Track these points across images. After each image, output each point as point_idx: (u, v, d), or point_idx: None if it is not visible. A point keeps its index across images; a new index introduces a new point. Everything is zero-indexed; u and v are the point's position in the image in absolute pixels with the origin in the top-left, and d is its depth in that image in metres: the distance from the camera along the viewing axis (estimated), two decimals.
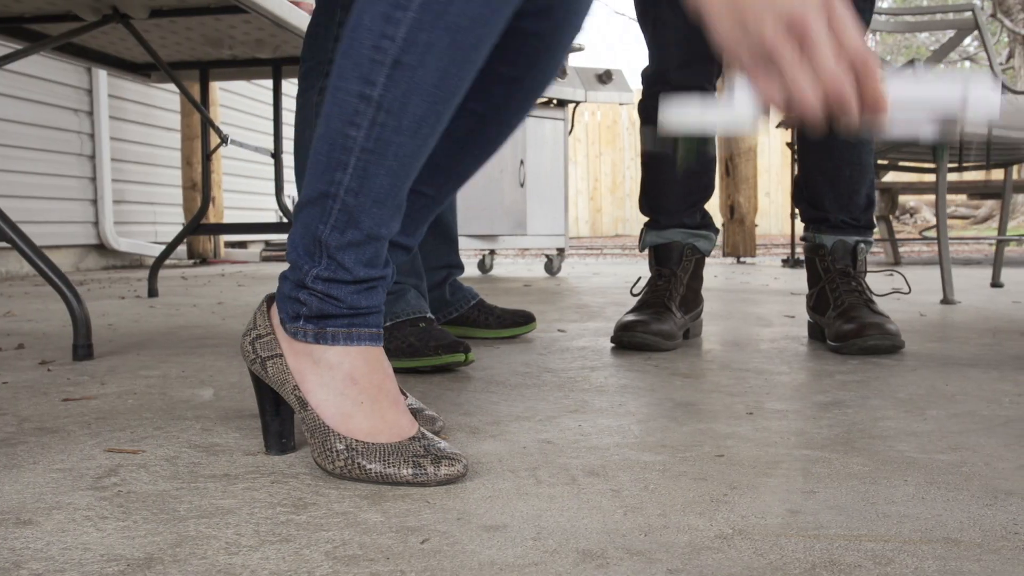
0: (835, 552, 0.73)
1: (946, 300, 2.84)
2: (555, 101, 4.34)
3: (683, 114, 0.84)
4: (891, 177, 8.25)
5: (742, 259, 6.11)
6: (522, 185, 4.09)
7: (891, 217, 5.36)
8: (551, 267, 4.41)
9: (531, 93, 1.20)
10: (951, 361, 1.70)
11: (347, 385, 0.99)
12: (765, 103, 0.82)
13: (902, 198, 13.50)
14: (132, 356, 1.83)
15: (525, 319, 2.06)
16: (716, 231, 2.04)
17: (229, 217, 7.00)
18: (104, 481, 0.95)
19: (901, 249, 7.44)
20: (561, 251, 4.39)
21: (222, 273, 5.17)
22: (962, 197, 10.50)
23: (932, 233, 10.89)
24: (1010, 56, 13.63)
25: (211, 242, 6.54)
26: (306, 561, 0.73)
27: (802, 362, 1.71)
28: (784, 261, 5.47)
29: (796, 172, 2.01)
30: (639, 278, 2.08)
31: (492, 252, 4.58)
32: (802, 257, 4.78)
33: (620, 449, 1.07)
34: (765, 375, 1.57)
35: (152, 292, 3.37)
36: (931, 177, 7.06)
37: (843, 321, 1.82)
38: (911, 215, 13.88)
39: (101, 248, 5.72)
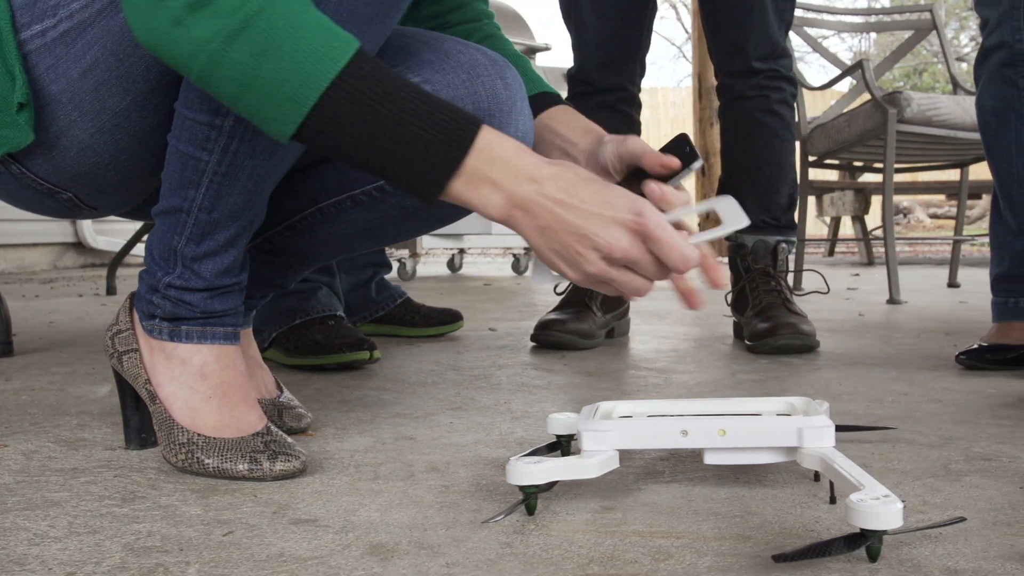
0: (619, 548, 0.74)
1: (892, 300, 2.84)
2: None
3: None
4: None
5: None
6: None
7: (865, 217, 5.37)
8: (518, 266, 4.42)
9: None
10: (860, 361, 1.71)
11: (197, 380, 1.00)
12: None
13: (898, 198, 13.50)
14: (53, 354, 1.84)
15: (452, 317, 2.07)
16: None
17: None
18: None
19: (883, 249, 7.44)
20: (528, 250, 4.39)
21: None
22: (940, 197, 10.49)
23: (919, 234, 10.90)
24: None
25: None
26: (101, 552, 0.74)
27: (712, 362, 1.72)
28: None
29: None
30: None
31: (462, 251, 4.59)
32: None
33: (476, 446, 1.08)
34: (668, 375, 1.58)
35: (111, 290, 3.38)
36: (925, 177, 7.06)
37: (759, 320, 1.83)
38: (904, 215, 13.88)
39: (79, 246, 5.73)
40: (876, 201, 5.17)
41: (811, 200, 7.32)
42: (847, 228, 7.61)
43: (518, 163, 0.81)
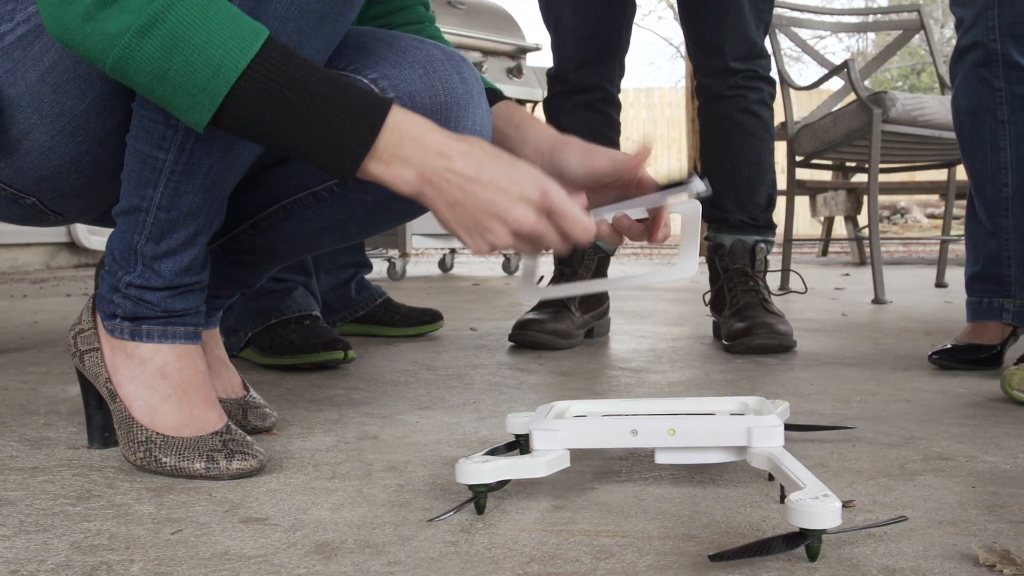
0: (563, 547, 0.75)
1: (877, 300, 2.85)
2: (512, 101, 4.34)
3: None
4: (885, 177, 8.23)
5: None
6: None
7: (857, 217, 5.37)
8: (508, 266, 4.42)
9: None
10: (835, 361, 1.71)
11: (157, 379, 1.00)
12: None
13: (893, 198, 13.50)
14: (32, 353, 1.85)
15: (432, 317, 2.07)
16: None
17: None
18: None
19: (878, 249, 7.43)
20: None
21: None
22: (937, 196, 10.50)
23: (907, 234, 10.90)
24: None
25: None
26: (48, 550, 0.75)
27: (687, 362, 1.73)
28: None
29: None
30: (541, 276, 2.09)
31: (453, 251, 4.59)
32: None
33: (438, 446, 1.09)
34: (641, 375, 1.59)
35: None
36: (922, 176, 7.05)
37: (736, 320, 1.84)
38: (901, 215, 13.89)
39: (72, 246, 5.74)
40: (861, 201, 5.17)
41: (805, 200, 7.34)
42: (842, 228, 7.62)
43: (427, 140, 0.84)
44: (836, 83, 3.69)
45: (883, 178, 5.91)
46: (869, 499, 0.87)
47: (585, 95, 1.95)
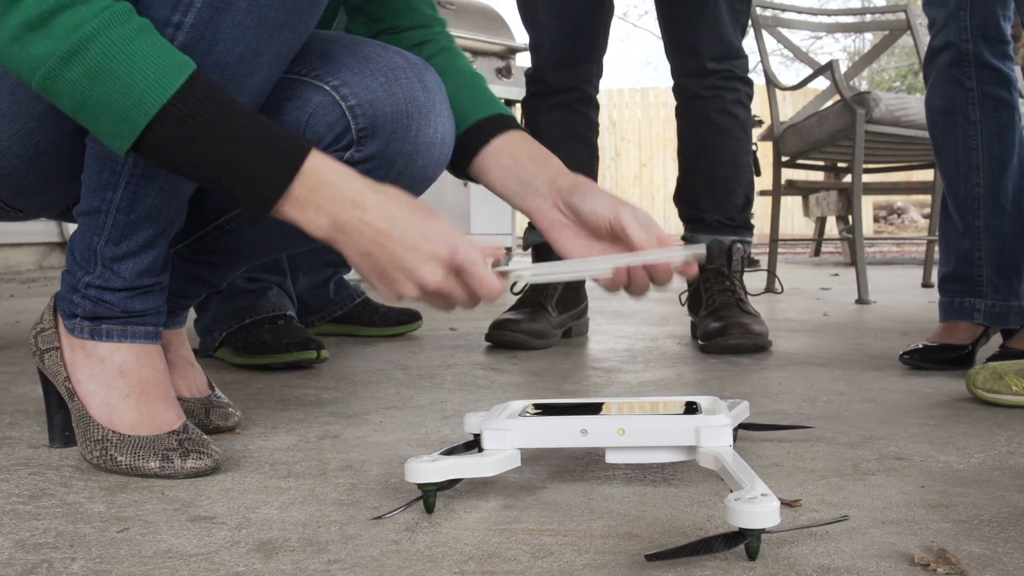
0: (503, 546, 0.75)
1: (860, 300, 2.85)
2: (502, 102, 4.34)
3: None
4: (881, 177, 8.24)
5: None
6: (465, 185, 4.11)
7: (849, 217, 5.37)
8: (497, 266, 4.42)
9: None
10: (808, 361, 1.72)
11: (115, 378, 1.01)
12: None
13: (890, 198, 13.51)
14: (8, 353, 1.85)
15: (411, 317, 2.07)
16: None
17: None
18: None
19: (872, 249, 7.45)
20: (508, 250, 4.40)
21: None
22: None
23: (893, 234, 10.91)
24: None
25: None
26: None
27: (661, 362, 1.73)
28: None
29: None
30: (525, 287, 2.09)
31: None
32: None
33: (397, 445, 1.09)
34: (613, 375, 1.59)
35: None
36: (920, 176, 7.04)
37: (712, 320, 1.84)
38: (898, 215, 13.90)
39: (64, 246, 5.74)
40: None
41: (798, 200, 7.32)
42: (835, 229, 7.63)
43: (344, 189, 0.85)
44: (824, 83, 3.70)
45: (879, 178, 5.92)
46: (817, 499, 0.87)
47: (562, 95, 1.96)
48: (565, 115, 1.96)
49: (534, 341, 1.87)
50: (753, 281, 3.31)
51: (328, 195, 0.84)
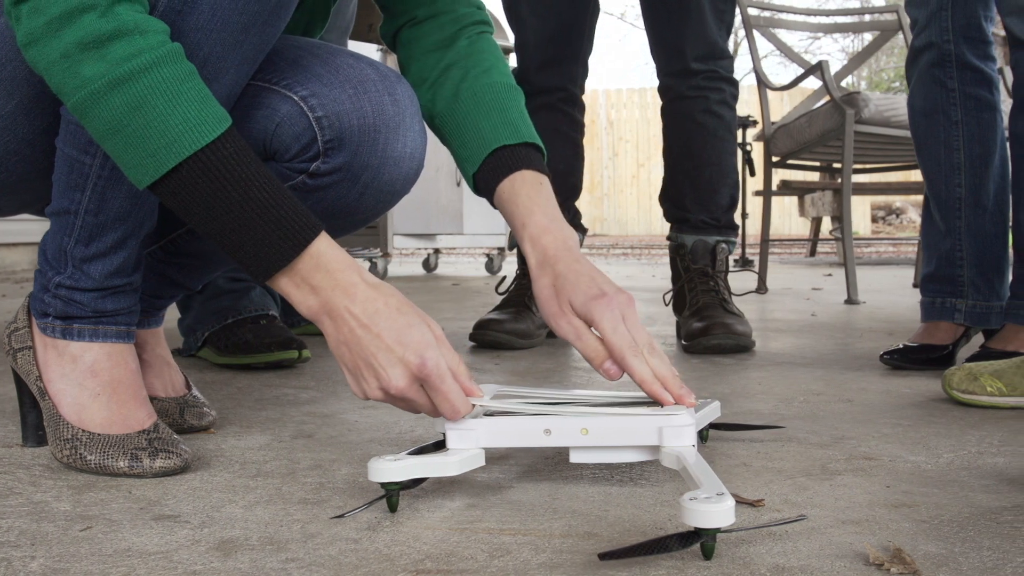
0: (462, 545, 0.75)
1: (849, 300, 2.85)
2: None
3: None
4: (879, 177, 8.24)
5: None
6: (458, 184, 4.11)
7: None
8: (491, 266, 4.43)
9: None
10: (790, 361, 1.72)
11: (87, 377, 1.01)
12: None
13: (889, 199, 13.52)
14: None
15: None
16: (584, 231, 2.06)
17: None
18: None
19: (869, 250, 7.45)
20: (501, 250, 4.41)
21: None
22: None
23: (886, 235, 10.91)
24: None
25: None
26: None
27: None
28: (735, 260, 5.48)
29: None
30: (503, 277, 2.10)
31: (437, 251, 4.60)
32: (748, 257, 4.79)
33: (369, 444, 1.10)
34: (594, 374, 1.59)
35: None
36: (918, 176, 7.05)
37: (695, 320, 1.84)
38: (896, 215, 13.91)
39: None
40: (855, 201, 5.17)
41: (794, 200, 7.31)
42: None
43: (339, 277, 0.86)
44: (818, 83, 3.69)
45: (878, 178, 5.91)
46: (781, 498, 0.88)
47: (547, 96, 1.96)
48: (550, 115, 1.96)
49: (518, 341, 1.88)
50: (740, 281, 3.32)
51: (323, 279, 0.85)
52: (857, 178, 5.18)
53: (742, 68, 14.21)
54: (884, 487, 0.91)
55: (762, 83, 3.23)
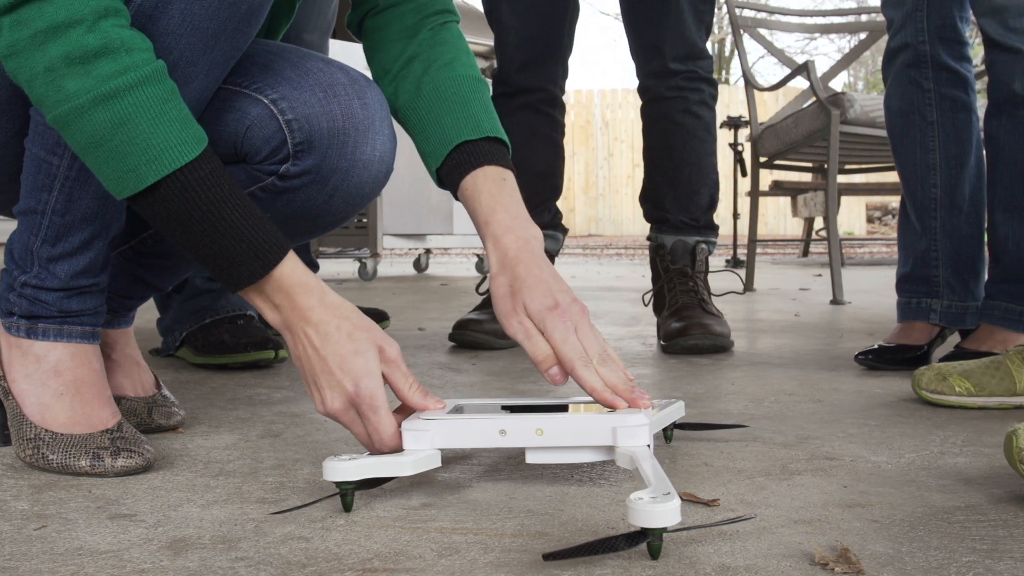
0: (411, 544, 0.76)
1: (835, 301, 2.86)
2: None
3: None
4: (875, 177, 8.24)
5: None
6: None
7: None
8: (482, 266, 4.44)
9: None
10: (767, 361, 1.72)
11: (50, 377, 1.01)
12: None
13: (885, 199, 13.54)
14: None
15: (376, 317, 2.08)
16: (564, 231, 2.07)
17: None
18: None
19: (863, 250, 7.46)
20: None
21: None
22: None
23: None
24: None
25: None
26: None
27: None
28: (727, 261, 5.49)
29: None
30: (484, 277, 2.10)
31: (427, 251, 4.60)
32: (741, 258, 4.80)
33: (335, 444, 1.10)
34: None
35: None
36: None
37: (674, 320, 1.85)
38: (893, 216, 13.92)
39: None
40: (847, 202, 5.16)
41: (788, 201, 7.31)
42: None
43: (298, 300, 0.90)
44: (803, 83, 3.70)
45: (873, 178, 5.91)
46: (737, 498, 0.88)
47: (527, 96, 1.96)
48: (530, 116, 1.96)
49: (497, 341, 1.88)
50: (727, 281, 3.32)
51: (284, 300, 0.91)
52: (852, 178, 5.20)
53: (736, 70, 14.20)
54: (841, 487, 0.92)
55: (749, 84, 3.24)
